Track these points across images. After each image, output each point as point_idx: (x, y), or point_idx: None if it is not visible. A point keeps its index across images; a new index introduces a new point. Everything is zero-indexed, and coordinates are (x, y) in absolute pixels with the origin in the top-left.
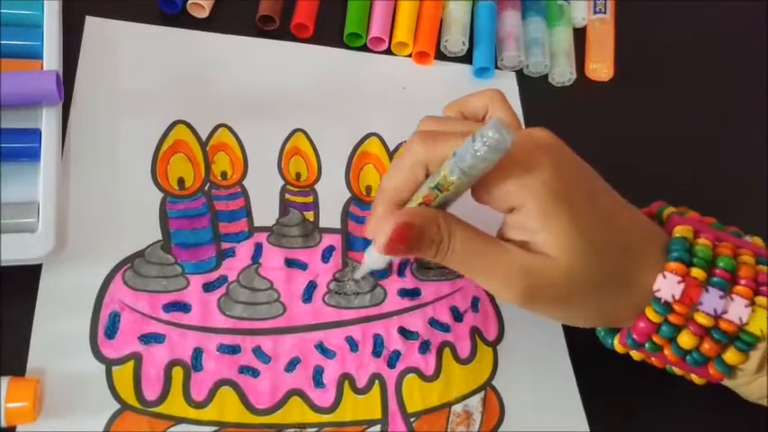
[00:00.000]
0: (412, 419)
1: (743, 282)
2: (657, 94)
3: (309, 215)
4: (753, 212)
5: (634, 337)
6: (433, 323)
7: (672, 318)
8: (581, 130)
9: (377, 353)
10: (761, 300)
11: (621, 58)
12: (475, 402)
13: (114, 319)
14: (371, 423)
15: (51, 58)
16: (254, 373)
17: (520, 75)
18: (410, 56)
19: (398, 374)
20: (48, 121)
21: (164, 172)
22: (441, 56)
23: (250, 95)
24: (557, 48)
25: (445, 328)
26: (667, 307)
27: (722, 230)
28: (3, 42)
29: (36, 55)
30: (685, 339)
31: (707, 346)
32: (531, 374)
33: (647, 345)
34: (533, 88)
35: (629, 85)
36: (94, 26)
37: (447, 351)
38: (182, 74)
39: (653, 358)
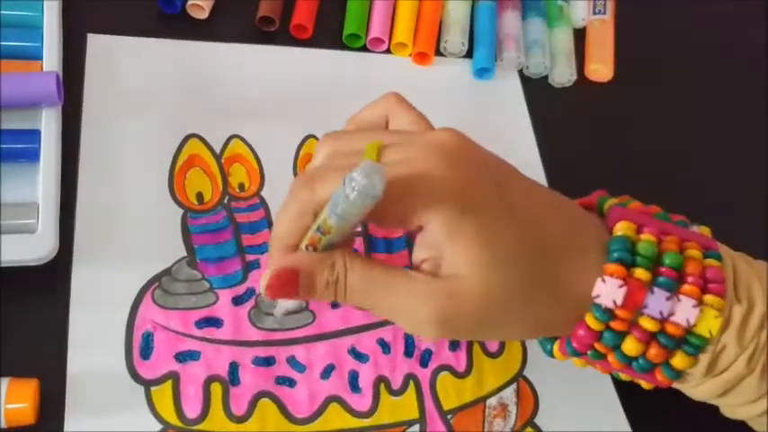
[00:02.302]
0: (449, 416)
1: (690, 279)
2: (657, 95)
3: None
4: (753, 213)
5: (574, 345)
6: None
7: (614, 324)
8: (581, 131)
9: (409, 353)
10: (709, 299)
11: (621, 58)
12: (509, 394)
13: (148, 339)
14: (410, 423)
15: (51, 59)
16: (291, 383)
17: (520, 75)
18: (410, 56)
19: (432, 373)
20: (47, 122)
21: (182, 187)
22: (441, 56)
23: (259, 104)
24: (557, 48)
25: None
26: (609, 313)
27: (668, 221)
28: (2, 43)
29: (36, 56)
30: (630, 346)
31: (653, 352)
32: (560, 362)
33: (589, 353)
34: (533, 89)
35: (629, 86)
36: (97, 43)
37: (476, 346)
38: (188, 86)
39: (597, 365)
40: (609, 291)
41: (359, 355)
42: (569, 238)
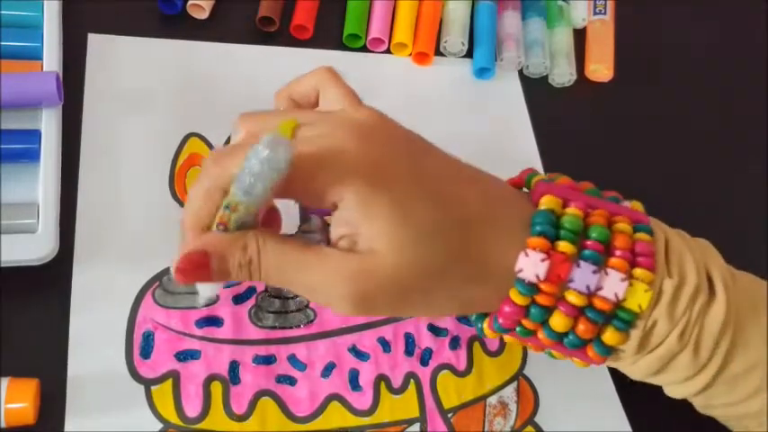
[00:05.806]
0: (449, 415)
1: (618, 253)
2: (657, 95)
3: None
4: (752, 212)
5: (500, 322)
6: (461, 318)
7: (540, 299)
8: (581, 131)
9: (409, 352)
10: (638, 272)
11: (621, 58)
12: (509, 393)
13: (148, 338)
14: (410, 422)
15: (51, 59)
16: (291, 381)
17: (520, 75)
18: (410, 56)
19: (432, 372)
20: (47, 122)
21: (182, 186)
22: (441, 56)
23: (259, 104)
24: (557, 48)
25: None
26: (533, 288)
27: (598, 197)
28: (2, 43)
29: (36, 56)
30: (558, 321)
31: (582, 328)
32: (560, 361)
33: (517, 329)
34: (533, 89)
35: (628, 86)
36: (97, 43)
37: (477, 345)
38: (188, 86)
39: (528, 343)
40: (531, 264)
41: (359, 354)
42: (490, 212)
